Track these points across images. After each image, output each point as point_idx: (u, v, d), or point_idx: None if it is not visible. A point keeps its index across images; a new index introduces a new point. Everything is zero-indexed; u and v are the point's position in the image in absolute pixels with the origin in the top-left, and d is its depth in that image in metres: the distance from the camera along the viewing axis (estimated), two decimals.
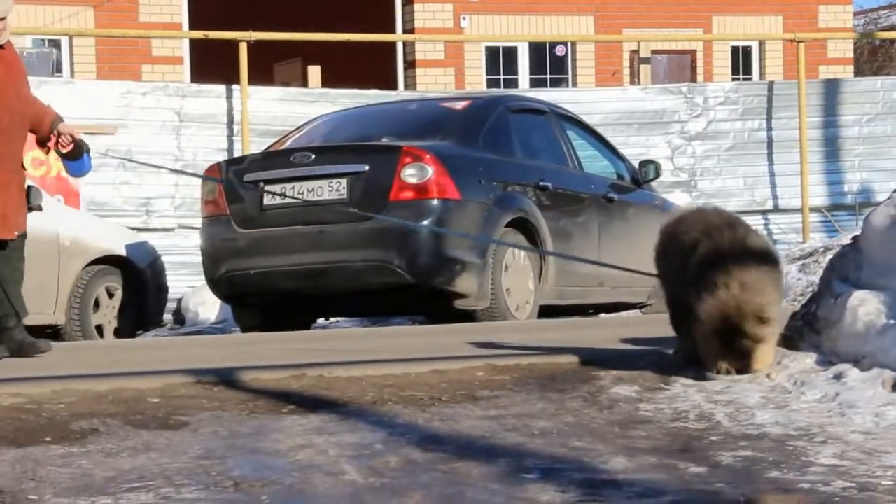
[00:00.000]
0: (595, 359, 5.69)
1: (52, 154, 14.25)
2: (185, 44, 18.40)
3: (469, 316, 9.71)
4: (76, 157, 7.32)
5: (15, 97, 7.08)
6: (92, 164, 7.50)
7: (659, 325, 6.13)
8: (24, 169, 7.28)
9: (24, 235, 7.19)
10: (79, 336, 10.58)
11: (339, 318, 12.14)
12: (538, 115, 11.05)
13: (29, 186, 10.41)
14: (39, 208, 10.37)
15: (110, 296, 10.91)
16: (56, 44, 17.97)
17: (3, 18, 7.00)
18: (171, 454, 4.26)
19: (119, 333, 10.90)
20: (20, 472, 4.00)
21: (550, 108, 11.35)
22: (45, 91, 14.11)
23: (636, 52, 18.22)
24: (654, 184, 11.95)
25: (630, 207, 11.29)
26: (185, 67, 18.46)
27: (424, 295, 9.68)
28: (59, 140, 7.25)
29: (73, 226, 10.85)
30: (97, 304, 10.79)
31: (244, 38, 14.64)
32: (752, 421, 4.64)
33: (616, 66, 19.70)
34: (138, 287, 11.03)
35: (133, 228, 12.47)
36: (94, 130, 14.10)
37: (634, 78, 18.70)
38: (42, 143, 7.32)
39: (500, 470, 4.04)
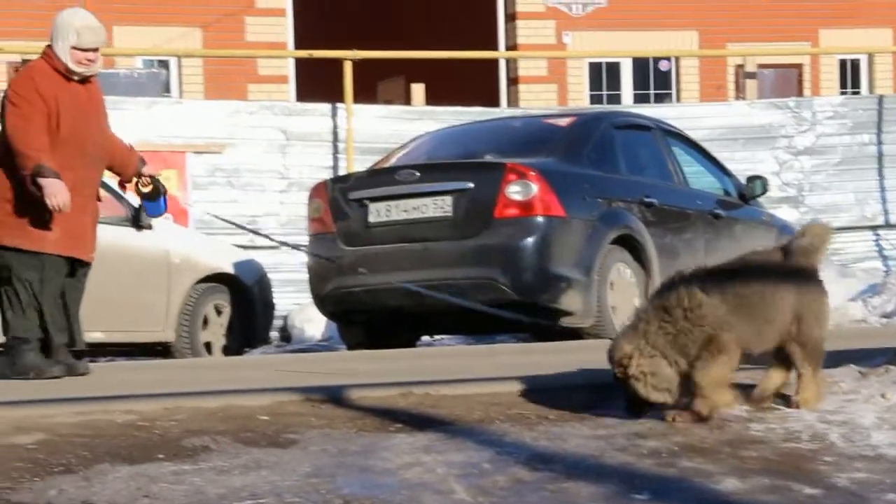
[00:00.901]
0: None
1: (163, 174, 14.49)
2: (291, 63, 18.59)
3: (574, 333, 9.67)
4: (154, 198, 7.60)
5: (97, 128, 7.27)
6: (166, 207, 7.77)
7: None
8: (100, 200, 7.44)
9: (88, 266, 7.31)
10: (188, 353, 10.70)
11: (443, 336, 12.16)
12: (643, 131, 10.98)
13: (139, 205, 10.63)
14: (150, 227, 10.55)
15: (218, 313, 11.03)
16: (165, 64, 18.27)
17: (96, 49, 7.18)
18: (281, 472, 4.29)
19: (227, 351, 11.01)
20: (135, 489, 4.06)
21: (655, 123, 11.27)
22: (155, 111, 14.37)
23: (741, 66, 18.03)
24: (761, 200, 11.81)
25: (737, 224, 11.16)
26: (291, 86, 18.65)
27: (529, 312, 9.64)
28: (140, 181, 7.51)
29: (183, 244, 10.99)
30: (206, 322, 10.91)
31: (349, 56, 14.74)
32: (867, 442, 4.56)
33: (720, 80, 19.52)
34: (246, 304, 11.14)
35: (240, 246, 12.61)
36: (202, 149, 14.31)
37: (740, 93, 18.51)
38: (123, 184, 7.57)
39: (609, 490, 4.01)
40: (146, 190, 7.55)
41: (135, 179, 7.52)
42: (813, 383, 5.04)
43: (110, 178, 11.27)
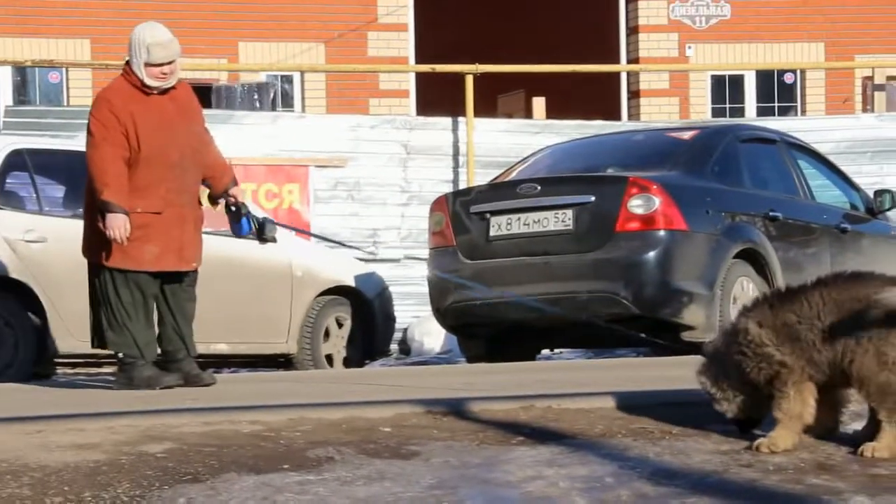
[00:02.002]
0: None
1: (286, 187, 14.69)
2: (412, 77, 18.70)
3: (696, 348, 9.55)
4: (237, 218, 7.72)
5: (186, 134, 7.34)
6: (250, 228, 7.86)
7: None
8: (201, 205, 7.52)
9: (196, 273, 7.41)
10: (310, 365, 10.81)
11: (563, 349, 12.11)
12: (768, 144, 10.84)
13: (264, 219, 10.74)
14: (274, 240, 10.67)
15: (340, 325, 11.12)
16: (289, 79, 18.49)
17: (171, 62, 7.27)
18: (404, 483, 4.31)
19: (347, 363, 11.10)
20: (260, 499, 4.11)
21: (780, 136, 11.12)
22: (279, 125, 14.55)
23: (870, 78, 17.71)
24: (890, 214, 11.58)
25: (864, 238, 10.96)
26: (412, 100, 18.76)
27: (650, 326, 9.57)
28: (227, 199, 7.61)
29: (305, 257, 11.11)
30: (327, 334, 11.01)
31: (470, 70, 14.79)
32: None
33: (847, 93, 19.18)
34: (366, 317, 11.22)
35: (360, 259, 12.71)
36: (324, 163, 14.45)
37: (867, 105, 18.18)
38: (213, 199, 7.63)
39: None
40: (233, 209, 7.66)
41: (224, 199, 7.59)
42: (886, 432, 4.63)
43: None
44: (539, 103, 15.58)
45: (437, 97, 17.84)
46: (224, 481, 4.30)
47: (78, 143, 11.50)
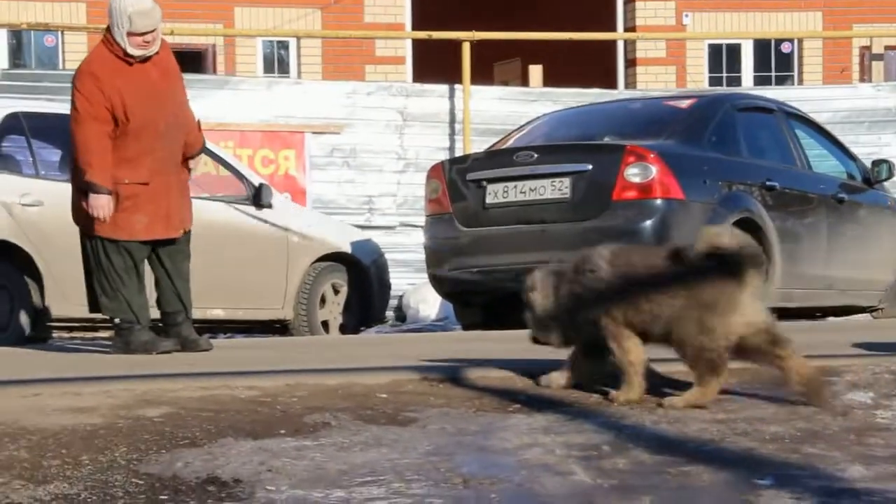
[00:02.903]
0: (827, 364, 5.54)
1: (282, 153, 14.64)
2: (408, 44, 18.65)
3: None
4: None
5: (171, 101, 7.33)
6: None
7: (893, 329, 5.93)
8: (188, 170, 7.51)
9: (188, 233, 7.43)
10: (305, 331, 10.82)
11: None
12: (765, 114, 10.83)
13: (260, 185, 10.77)
14: (270, 206, 10.67)
15: (336, 292, 11.13)
16: (284, 45, 18.43)
17: (153, 30, 7.22)
18: (400, 450, 4.32)
19: (343, 329, 11.11)
20: (257, 463, 4.11)
21: (778, 106, 11.11)
22: (275, 91, 14.51)
23: (867, 48, 17.69)
24: (887, 184, 11.58)
25: (861, 208, 10.97)
26: (408, 67, 18.71)
27: None
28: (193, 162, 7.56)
29: (302, 223, 11.10)
30: (323, 301, 11.02)
31: (467, 37, 14.76)
32: None
33: (845, 62, 19.16)
34: (363, 284, 11.23)
35: (356, 226, 12.71)
36: (321, 130, 14.43)
37: (865, 75, 18.16)
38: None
39: (731, 475, 3.97)
40: (195, 171, 7.64)
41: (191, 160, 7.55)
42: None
43: (233, 158, 11.47)
44: (536, 71, 15.56)
45: (433, 64, 17.80)
46: (221, 446, 4.30)
47: None
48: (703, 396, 4.87)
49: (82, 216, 7.26)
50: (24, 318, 9.23)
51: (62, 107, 10.96)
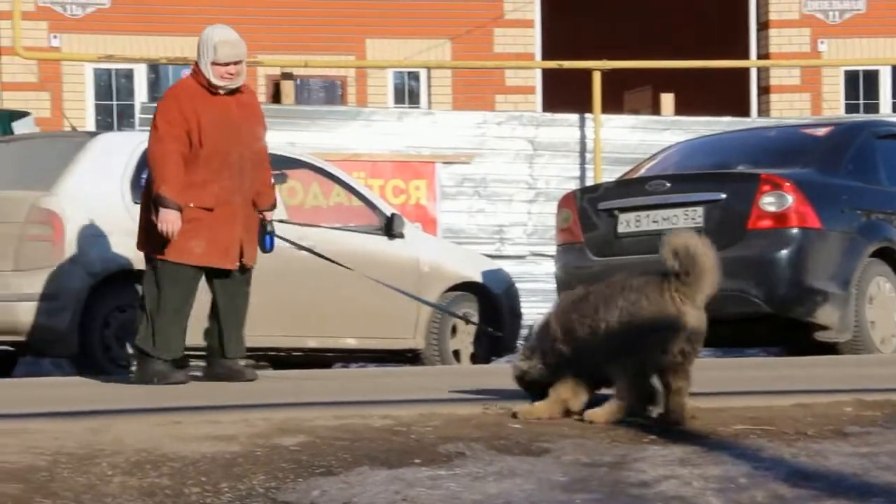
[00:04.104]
0: None
1: (413, 183, 14.74)
2: (538, 73, 18.66)
3: (829, 348, 9.40)
4: (262, 235, 7.66)
5: (248, 136, 7.45)
6: (271, 246, 7.77)
7: None
8: (255, 210, 7.55)
9: (249, 270, 7.50)
10: (437, 361, 10.84)
11: None
12: None
13: (392, 214, 10.84)
14: (402, 236, 10.74)
15: (467, 322, 11.14)
16: (415, 76, 18.58)
17: (238, 63, 7.35)
18: (535, 481, 4.30)
19: (474, 359, 11.11)
20: (393, 492, 4.13)
21: None
22: (405, 122, 14.63)
23: None
24: None
25: None
26: (538, 96, 18.72)
27: (782, 326, 9.43)
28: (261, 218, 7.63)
29: (433, 252, 11.14)
30: (454, 330, 11.03)
31: (598, 67, 14.73)
32: None
33: None
34: (493, 313, 11.22)
35: (486, 255, 12.72)
36: (451, 159, 14.50)
37: None
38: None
39: None
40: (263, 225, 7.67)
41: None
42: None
43: (365, 188, 11.58)
44: (668, 99, 15.45)
45: (562, 93, 17.78)
46: (357, 475, 4.33)
47: None
48: (620, 412, 5.06)
49: (144, 241, 7.40)
50: None
51: None
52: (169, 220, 7.17)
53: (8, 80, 15.89)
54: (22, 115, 14.09)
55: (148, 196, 7.44)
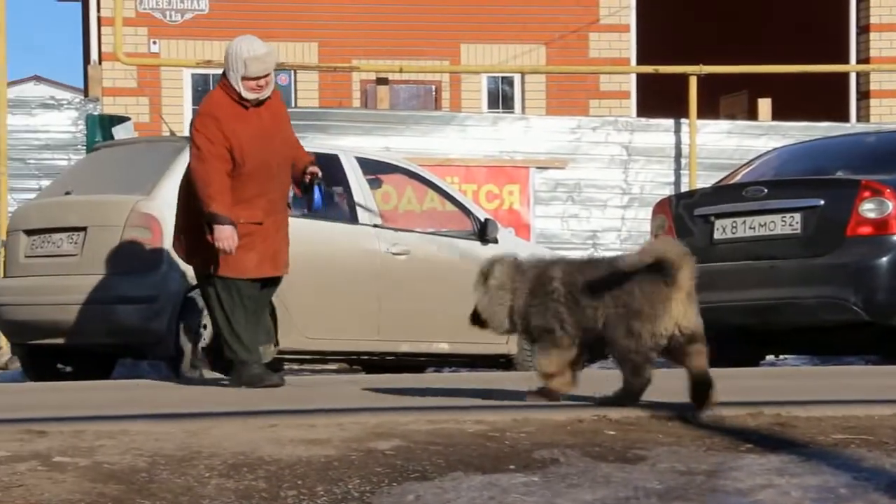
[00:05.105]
0: None
1: (506, 188, 14.71)
2: (633, 78, 18.57)
3: None
4: (309, 189, 7.63)
5: (280, 142, 7.50)
6: (322, 197, 7.76)
7: None
8: (290, 208, 7.71)
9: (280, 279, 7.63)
10: (530, 366, 10.81)
11: (787, 356, 11.85)
12: None
13: (486, 219, 10.85)
14: (495, 241, 10.74)
15: None
16: (509, 81, 18.58)
17: (266, 75, 7.40)
18: (630, 488, 4.28)
19: None
20: (487, 498, 4.12)
21: None
22: (500, 127, 14.63)
23: None
24: None
25: None
26: (632, 101, 18.63)
27: (881, 334, 9.29)
28: (305, 176, 7.60)
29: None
30: None
31: (694, 71, 14.62)
32: None
33: None
34: None
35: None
36: (545, 164, 14.48)
37: None
38: (296, 183, 7.68)
39: None
40: (306, 181, 7.63)
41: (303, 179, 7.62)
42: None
43: (459, 193, 11.59)
44: (765, 104, 15.29)
45: (656, 98, 17.68)
46: (451, 480, 4.33)
47: (307, 144, 11.78)
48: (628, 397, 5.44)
49: (197, 255, 7.48)
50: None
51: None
52: (225, 237, 7.26)
53: (108, 85, 16.16)
54: (122, 120, 14.32)
55: (186, 212, 7.52)
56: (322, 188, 7.75)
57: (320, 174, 7.70)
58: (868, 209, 9.24)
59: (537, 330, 5.65)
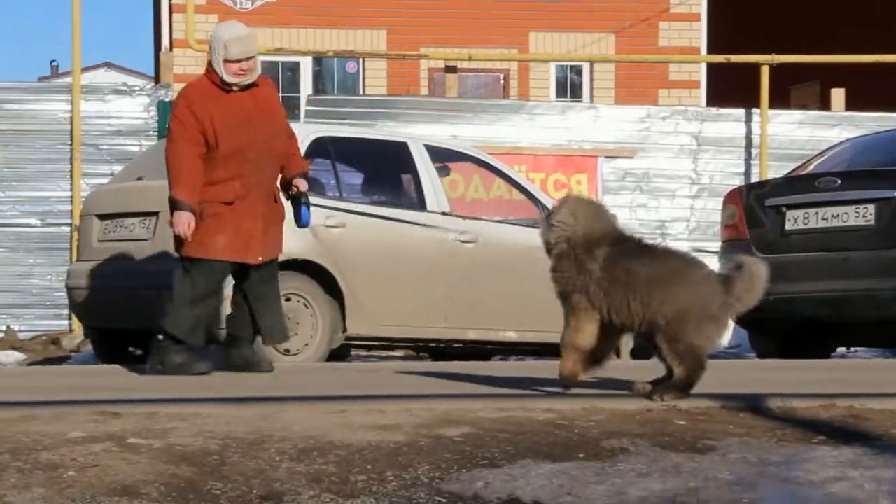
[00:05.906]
0: None
1: (574, 177, 14.59)
2: (703, 67, 18.43)
3: None
4: (297, 207, 7.64)
5: (264, 131, 7.40)
6: (309, 217, 7.71)
7: None
8: (278, 201, 7.57)
9: (273, 262, 7.52)
10: None
11: (859, 348, 11.73)
12: None
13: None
14: None
15: None
16: (577, 70, 18.51)
17: (249, 59, 7.34)
18: (701, 478, 4.25)
19: (634, 354, 11.01)
20: (557, 486, 4.12)
21: None
22: (568, 116, 14.58)
23: None
24: None
25: None
26: (702, 91, 18.49)
27: None
28: (290, 191, 7.62)
29: None
30: None
31: (766, 61, 14.48)
32: None
33: None
34: None
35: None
36: (613, 154, 14.41)
37: None
38: (282, 186, 7.65)
39: None
40: (294, 198, 7.63)
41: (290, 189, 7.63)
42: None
43: (527, 182, 11.57)
44: (838, 94, 15.11)
45: (726, 88, 17.53)
46: (520, 467, 4.33)
47: (375, 131, 11.82)
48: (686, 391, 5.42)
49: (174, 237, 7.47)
50: (325, 335, 9.50)
51: (365, 131, 11.32)
52: (182, 222, 7.26)
53: (179, 71, 16.27)
54: None
55: None
56: (308, 207, 7.69)
57: (306, 191, 7.67)
58: None
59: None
